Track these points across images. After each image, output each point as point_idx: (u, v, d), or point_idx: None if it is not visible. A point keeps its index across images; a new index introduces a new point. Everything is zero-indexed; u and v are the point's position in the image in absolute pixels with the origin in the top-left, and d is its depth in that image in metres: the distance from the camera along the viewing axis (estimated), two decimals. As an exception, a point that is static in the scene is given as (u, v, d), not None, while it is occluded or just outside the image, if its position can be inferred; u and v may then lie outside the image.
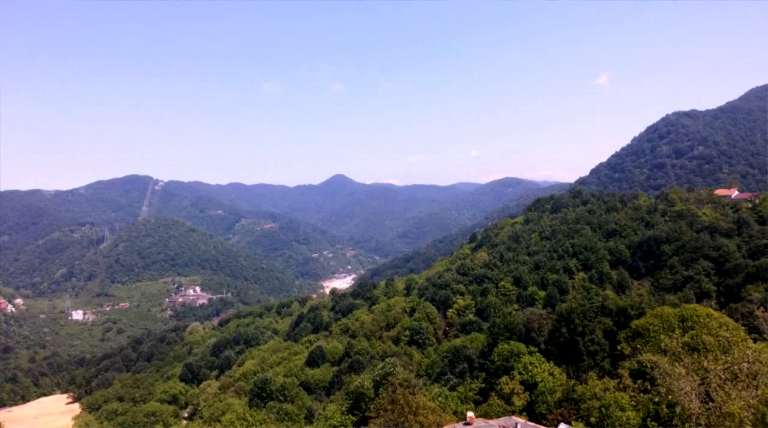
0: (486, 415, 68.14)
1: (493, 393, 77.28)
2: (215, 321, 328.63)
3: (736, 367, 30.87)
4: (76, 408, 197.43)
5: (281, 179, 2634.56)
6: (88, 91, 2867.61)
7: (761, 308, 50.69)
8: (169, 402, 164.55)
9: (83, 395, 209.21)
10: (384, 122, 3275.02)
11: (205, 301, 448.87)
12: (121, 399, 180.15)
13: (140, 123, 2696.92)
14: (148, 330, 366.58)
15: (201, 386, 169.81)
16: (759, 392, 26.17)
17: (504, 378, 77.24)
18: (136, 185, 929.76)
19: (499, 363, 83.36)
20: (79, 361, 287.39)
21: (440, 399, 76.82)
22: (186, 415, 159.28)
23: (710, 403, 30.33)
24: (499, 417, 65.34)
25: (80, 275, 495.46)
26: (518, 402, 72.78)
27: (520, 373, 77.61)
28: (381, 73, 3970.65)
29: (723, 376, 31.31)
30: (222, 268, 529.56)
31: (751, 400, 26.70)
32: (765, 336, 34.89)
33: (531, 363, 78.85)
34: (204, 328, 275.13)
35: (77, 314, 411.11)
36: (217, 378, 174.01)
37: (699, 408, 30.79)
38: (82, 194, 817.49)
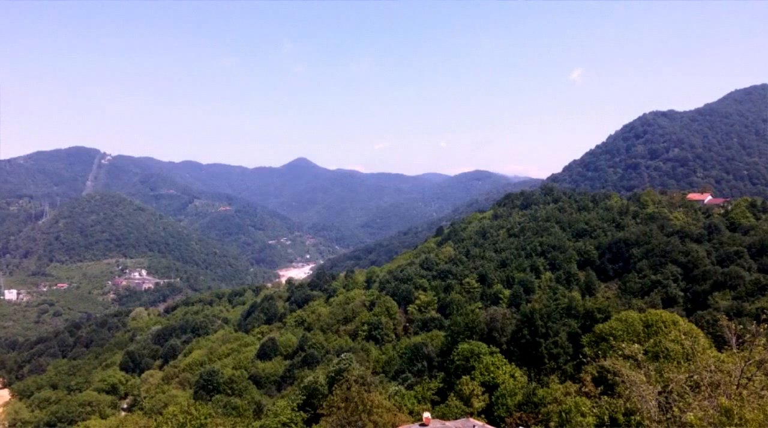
0: (443, 416, 68.92)
1: (452, 394, 77.97)
2: (161, 307, 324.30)
3: (697, 376, 31.87)
4: (5, 394, 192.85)
5: (240, 160, 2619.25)
6: (33, 51, 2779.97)
7: (725, 317, 52.32)
8: (108, 392, 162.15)
9: (14, 380, 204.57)
10: (349, 105, 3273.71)
11: (151, 285, 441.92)
12: (54, 387, 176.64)
13: (88, 91, 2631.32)
14: (87, 314, 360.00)
15: (143, 376, 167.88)
16: (718, 401, 27.10)
17: (464, 379, 77.93)
18: (82, 157, 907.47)
19: (458, 362, 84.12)
20: (11, 344, 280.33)
21: (396, 398, 77.47)
22: (125, 406, 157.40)
23: (669, 412, 31.28)
24: (456, 418, 66.17)
25: (15, 251, 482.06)
26: (477, 403, 73.69)
27: (481, 374, 78.47)
28: (345, 54, 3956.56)
29: (685, 385, 32.28)
30: (171, 251, 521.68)
31: (710, 410, 27.61)
32: (728, 345, 36.17)
33: (492, 364, 79.81)
34: (149, 314, 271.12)
35: (10, 294, 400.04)
36: (160, 367, 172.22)
37: (657, 416, 31.72)
38: (21, 165, 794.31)
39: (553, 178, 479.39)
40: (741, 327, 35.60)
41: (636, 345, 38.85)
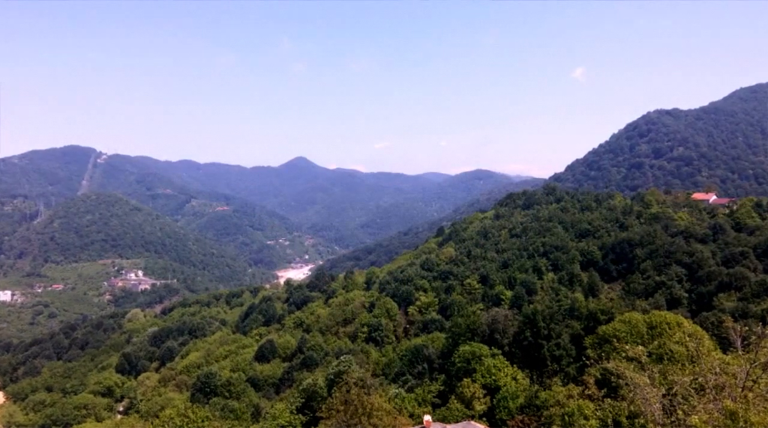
0: (444, 419, 69.00)
1: (453, 397, 77.99)
2: (158, 309, 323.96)
3: (701, 379, 31.85)
4: (0, 396, 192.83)
5: (237, 159, 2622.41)
6: (28, 50, 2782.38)
7: (730, 318, 52.40)
8: (103, 395, 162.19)
9: (8, 383, 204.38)
10: (349, 105, 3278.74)
11: (147, 286, 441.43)
12: (49, 389, 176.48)
13: (84, 89, 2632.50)
14: (83, 315, 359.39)
15: (139, 378, 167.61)
16: (722, 404, 27.09)
17: (465, 381, 77.96)
18: (77, 156, 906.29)
19: (460, 364, 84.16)
20: (5, 346, 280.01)
21: (397, 400, 77.50)
22: (121, 409, 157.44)
23: (673, 415, 31.28)
24: (457, 421, 66.27)
25: (10, 252, 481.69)
26: (479, 406, 73.75)
27: (482, 376, 78.49)
28: (345, 53, 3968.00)
29: (689, 388, 32.27)
30: (168, 252, 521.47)
31: (715, 413, 27.61)
32: (734, 347, 36.17)
33: (494, 366, 79.80)
34: (145, 316, 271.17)
35: (5, 295, 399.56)
36: (157, 370, 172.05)
37: (661, 418, 31.71)
38: (15, 164, 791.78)
39: (556, 177, 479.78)
40: (746, 328, 35.55)
41: (640, 347, 38.88)
